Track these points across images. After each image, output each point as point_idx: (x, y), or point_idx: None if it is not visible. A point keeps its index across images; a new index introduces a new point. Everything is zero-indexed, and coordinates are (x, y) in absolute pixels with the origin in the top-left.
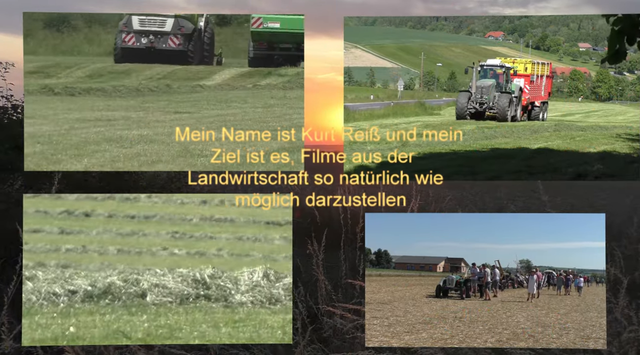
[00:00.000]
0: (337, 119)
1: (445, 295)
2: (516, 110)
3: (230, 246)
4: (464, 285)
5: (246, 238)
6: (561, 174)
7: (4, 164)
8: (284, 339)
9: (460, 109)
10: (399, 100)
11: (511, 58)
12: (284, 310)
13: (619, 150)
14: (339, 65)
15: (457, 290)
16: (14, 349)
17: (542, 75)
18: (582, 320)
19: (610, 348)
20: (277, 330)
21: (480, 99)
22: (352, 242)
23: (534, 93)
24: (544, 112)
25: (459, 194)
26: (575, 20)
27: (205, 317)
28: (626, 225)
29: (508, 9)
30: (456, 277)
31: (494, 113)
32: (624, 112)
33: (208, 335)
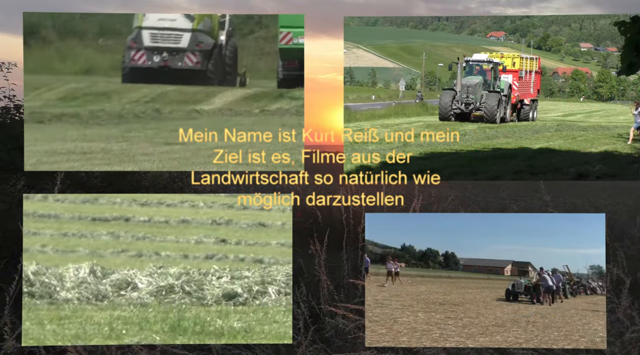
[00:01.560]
0: (337, 120)
1: (515, 299)
2: (505, 110)
3: (54, 242)
4: (533, 290)
5: (71, 234)
6: (563, 174)
7: (6, 163)
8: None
9: (444, 109)
10: (400, 100)
11: (499, 52)
12: (111, 306)
13: (621, 150)
14: (340, 66)
15: (527, 295)
16: (17, 349)
17: (531, 71)
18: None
19: (612, 348)
20: (105, 326)
21: (466, 98)
22: (354, 242)
23: (523, 90)
24: (533, 111)
25: (461, 193)
26: (576, 20)
27: (29, 314)
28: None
29: (510, 8)
30: (525, 281)
31: (481, 114)
32: (625, 112)
33: (32, 332)
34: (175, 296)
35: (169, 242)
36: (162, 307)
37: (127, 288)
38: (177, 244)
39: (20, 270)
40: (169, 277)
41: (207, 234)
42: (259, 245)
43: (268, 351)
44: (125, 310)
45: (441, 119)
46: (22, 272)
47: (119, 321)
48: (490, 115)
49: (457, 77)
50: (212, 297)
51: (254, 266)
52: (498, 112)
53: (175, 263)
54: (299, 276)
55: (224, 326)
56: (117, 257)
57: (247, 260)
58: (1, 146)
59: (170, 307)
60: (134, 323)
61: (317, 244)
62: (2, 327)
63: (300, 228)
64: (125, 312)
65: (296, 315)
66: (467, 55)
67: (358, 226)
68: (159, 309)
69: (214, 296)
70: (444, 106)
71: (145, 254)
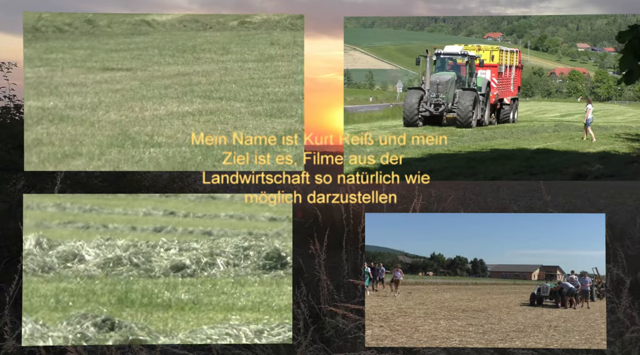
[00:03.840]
0: (337, 120)
1: (540, 303)
2: (483, 112)
3: None
4: (559, 294)
5: None
6: (561, 175)
7: (7, 163)
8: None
9: (409, 112)
10: (397, 102)
11: (475, 44)
12: (57, 278)
13: (619, 150)
14: (340, 66)
15: (552, 299)
16: (17, 349)
17: (511, 66)
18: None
19: (612, 348)
20: (51, 298)
21: (435, 99)
22: (354, 242)
23: (503, 88)
24: (514, 112)
25: (461, 194)
26: (573, 20)
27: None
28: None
29: (510, 8)
30: (551, 285)
31: (454, 116)
32: (623, 112)
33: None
34: (122, 268)
35: (117, 214)
36: (110, 279)
37: (73, 260)
38: (125, 217)
39: (20, 270)
40: (116, 249)
41: (155, 206)
42: (207, 217)
43: (268, 351)
44: (72, 282)
45: (407, 124)
46: (22, 272)
47: (65, 293)
48: (465, 117)
49: (426, 73)
50: (160, 269)
51: (203, 238)
52: (474, 113)
53: (123, 235)
54: (299, 276)
55: (171, 298)
56: (64, 228)
57: (196, 232)
58: (1, 146)
59: (118, 279)
60: (80, 295)
61: (317, 243)
62: (2, 327)
63: (300, 228)
64: (71, 284)
65: (296, 315)
66: (438, 48)
67: (358, 226)
68: (106, 281)
69: (161, 268)
70: (410, 108)
71: (93, 226)
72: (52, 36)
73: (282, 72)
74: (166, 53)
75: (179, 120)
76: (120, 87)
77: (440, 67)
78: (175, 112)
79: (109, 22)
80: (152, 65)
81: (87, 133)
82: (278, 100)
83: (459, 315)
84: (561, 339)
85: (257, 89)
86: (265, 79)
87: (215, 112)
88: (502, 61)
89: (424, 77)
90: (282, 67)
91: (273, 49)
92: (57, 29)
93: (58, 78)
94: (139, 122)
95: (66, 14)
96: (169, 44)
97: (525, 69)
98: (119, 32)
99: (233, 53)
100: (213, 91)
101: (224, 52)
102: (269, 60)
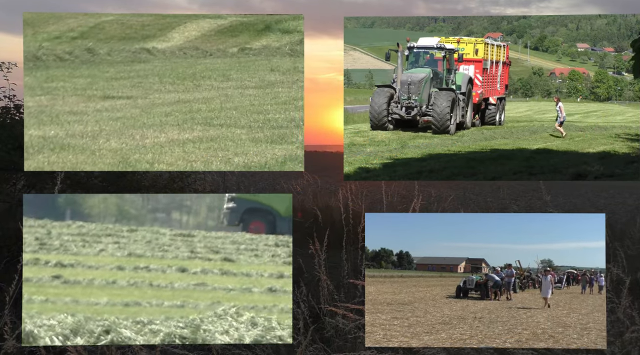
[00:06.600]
0: (337, 120)
1: (466, 295)
2: (464, 114)
3: None
4: (484, 286)
5: None
6: (561, 175)
7: (7, 163)
8: None
9: (377, 114)
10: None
11: (455, 37)
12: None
13: (618, 150)
14: (340, 66)
15: (477, 291)
16: (17, 349)
17: (498, 62)
18: (604, 320)
19: (612, 348)
20: None
21: (407, 100)
22: (354, 242)
23: (489, 86)
24: (500, 113)
25: (461, 194)
26: (573, 20)
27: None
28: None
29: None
30: (476, 277)
31: (429, 120)
32: (622, 112)
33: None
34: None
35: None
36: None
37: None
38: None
39: (20, 270)
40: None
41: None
42: None
43: (268, 351)
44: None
45: (374, 127)
46: (23, 271)
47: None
48: (441, 121)
49: (397, 70)
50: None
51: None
52: (452, 116)
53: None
54: (299, 276)
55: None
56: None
57: None
58: (1, 146)
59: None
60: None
61: (317, 243)
62: (2, 327)
63: (300, 228)
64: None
65: (296, 315)
66: (411, 41)
67: (358, 226)
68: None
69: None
70: (377, 110)
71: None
72: (53, 64)
73: (282, 98)
74: (166, 80)
75: (179, 148)
76: (120, 115)
77: (414, 63)
78: (176, 139)
79: (109, 50)
80: (153, 92)
81: (88, 162)
82: (279, 126)
83: (384, 309)
84: (485, 330)
85: (257, 116)
86: (266, 105)
87: (215, 139)
88: (488, 56)
89: (395, 74)
90: (282, 93)
91: (273, 76)
92: (57, 57)
93: (59, 106)
94: (140, 149)
95: (66, 43)
96: (169, 71)
97: (525, 69)
98: (119, 60)
99: (233, 80)
100: (213, 118)
101: (224, 79)
102: (269, 87)
